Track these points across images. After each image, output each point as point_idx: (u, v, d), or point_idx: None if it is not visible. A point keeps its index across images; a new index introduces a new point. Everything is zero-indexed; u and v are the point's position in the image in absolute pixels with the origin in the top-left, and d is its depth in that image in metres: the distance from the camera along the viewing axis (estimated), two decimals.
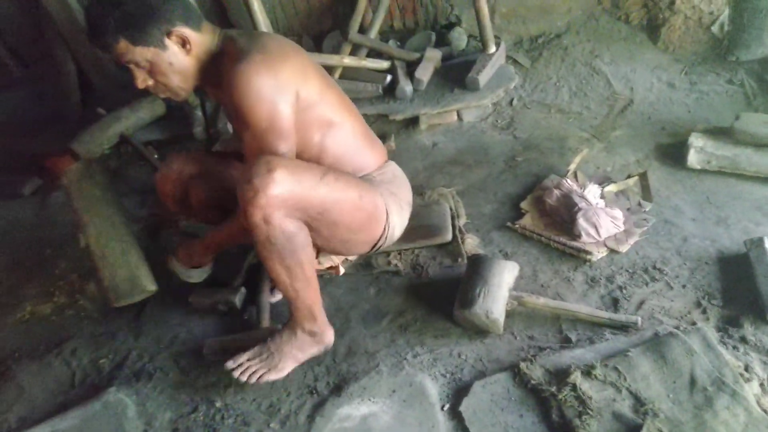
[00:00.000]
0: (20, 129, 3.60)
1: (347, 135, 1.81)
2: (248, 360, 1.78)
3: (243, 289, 2.11)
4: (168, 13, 1.55)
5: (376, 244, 1.90)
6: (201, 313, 2.11)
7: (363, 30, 2.99)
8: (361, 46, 2.96)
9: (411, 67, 2.95)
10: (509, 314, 1.83)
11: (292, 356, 1.78)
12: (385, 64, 2.94)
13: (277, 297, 2.11)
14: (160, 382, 1.90)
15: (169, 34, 1.57)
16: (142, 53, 1.57)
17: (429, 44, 3.07)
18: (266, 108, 1.56)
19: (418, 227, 2.17)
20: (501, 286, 1.83)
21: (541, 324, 1.83)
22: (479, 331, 1.83)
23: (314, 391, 1.77)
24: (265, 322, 2.01)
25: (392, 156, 2.70)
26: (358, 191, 1.73)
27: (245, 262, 2.23)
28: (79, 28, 3.25)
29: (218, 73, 1.64)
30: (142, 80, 1.64)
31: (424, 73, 2.86)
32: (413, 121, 2.87)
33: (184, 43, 1.60)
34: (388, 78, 2.90)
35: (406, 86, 2.82)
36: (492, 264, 1.88)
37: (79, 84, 3.51)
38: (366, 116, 2.90)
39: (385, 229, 1.85)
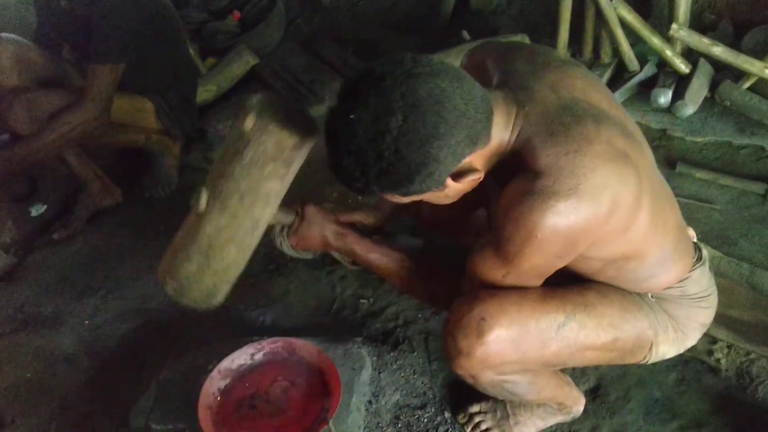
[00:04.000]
0: (393, 22, 3.65)
1: (639, 264, 1.26)
2: (480, 413, 1.56)
3: None
4: (450, 156, 1.05)
5: None
6: None
7: None
8: None
9: None
10: None
11: (531, 423, 1.52)
12: None
13: None
14: (402, 355, 1.77)
15: (454, 177, 1.11)
16: (414, 198, 1.15)
17: None
18: (540, 260, 1.13)
19: None
20: None
21: None
22: None
23: None
24: None
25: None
26: (614, 334, 1.27)
27: None
28: None
29: (499, 172, 1.17)
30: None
31: None
32: None
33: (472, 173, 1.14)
34: None
35: None
36: None
37: None
38: (762, 149, 2.27)
39: (645, 357, 1.37)
